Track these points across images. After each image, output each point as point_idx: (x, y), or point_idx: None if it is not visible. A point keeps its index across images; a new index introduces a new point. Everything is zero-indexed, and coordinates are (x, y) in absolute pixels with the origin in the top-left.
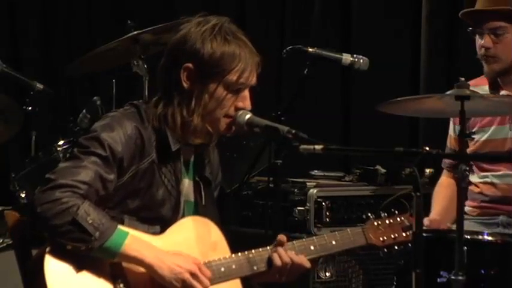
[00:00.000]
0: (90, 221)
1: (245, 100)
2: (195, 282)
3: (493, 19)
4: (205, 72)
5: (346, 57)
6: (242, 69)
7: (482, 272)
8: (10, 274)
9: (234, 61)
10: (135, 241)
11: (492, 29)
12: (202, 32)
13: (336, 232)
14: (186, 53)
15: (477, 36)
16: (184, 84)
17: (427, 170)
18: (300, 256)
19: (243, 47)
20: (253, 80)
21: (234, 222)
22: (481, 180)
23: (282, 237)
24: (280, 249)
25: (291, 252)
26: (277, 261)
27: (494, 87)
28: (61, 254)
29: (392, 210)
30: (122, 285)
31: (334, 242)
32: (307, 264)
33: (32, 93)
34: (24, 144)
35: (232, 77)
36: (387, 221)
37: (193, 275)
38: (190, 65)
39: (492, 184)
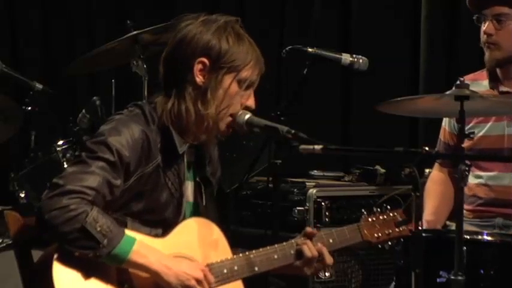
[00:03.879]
0: (98, 229)
1: (251, 99)
2: None
3: (496, 4)
4: (221, 67)
5: (346, 57)
6: (254, 67)
7: (482, 272)
8: (10, 274)
9: (247, 57)
10: (142, 247)
11: (495, 15)
12: (216, 28)
13: (333, 230)
14: (200, 48)
15: (482, 24)
16: (197, 79)
17: (427, 170)
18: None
19: (254, 46)
20: (257, 81)
21: (233, 222)
22: (475, 181)
23: (311, 230)
24: (309, 242)
25: (319, 245)
26: (308, 253)
27: (494, 80)
28: (69, 260)
29: (385, 205)
30: None
31: (331, 240)
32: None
33: (31, 93)
34: (24, 144)
35: (246, 73)
36: (381, 217)
37: (199, 282)
38: (205, 59)
39: (486, 186)
